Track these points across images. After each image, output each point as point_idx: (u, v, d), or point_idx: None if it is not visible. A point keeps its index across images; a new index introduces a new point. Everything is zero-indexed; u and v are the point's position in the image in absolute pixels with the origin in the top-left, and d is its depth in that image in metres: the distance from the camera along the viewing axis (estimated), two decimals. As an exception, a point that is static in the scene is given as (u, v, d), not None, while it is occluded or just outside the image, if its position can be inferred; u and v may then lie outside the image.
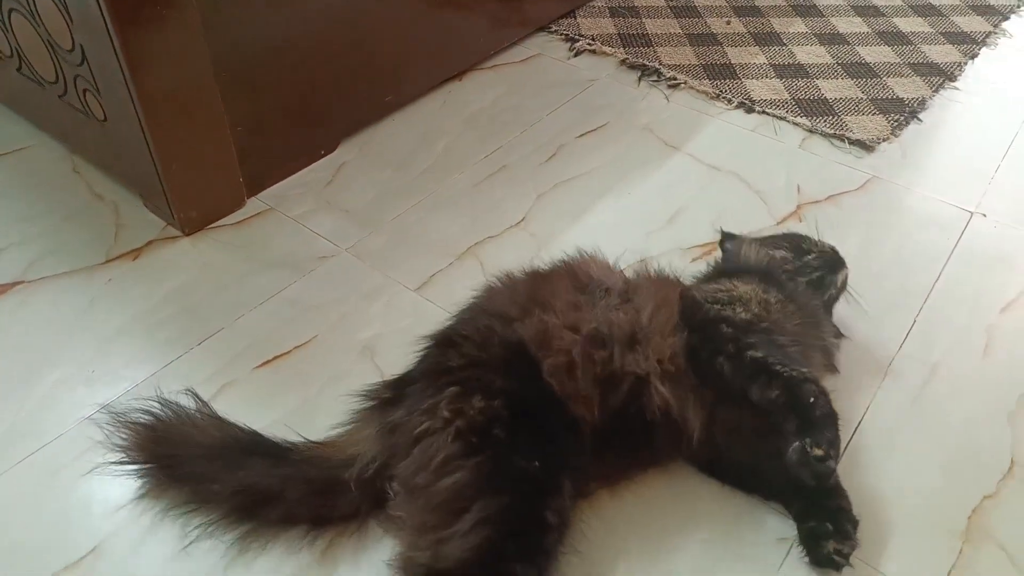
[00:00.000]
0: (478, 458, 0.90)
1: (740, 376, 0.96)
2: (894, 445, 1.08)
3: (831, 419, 0.93)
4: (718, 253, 1.30)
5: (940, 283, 1.34)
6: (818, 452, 0.89)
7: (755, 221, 1.46)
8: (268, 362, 1.20)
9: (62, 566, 0.95)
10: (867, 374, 1.18)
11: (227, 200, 1.46)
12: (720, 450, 1.01)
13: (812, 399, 0.93)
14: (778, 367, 0.95)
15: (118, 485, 1.02)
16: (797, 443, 0.90)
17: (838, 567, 0.92)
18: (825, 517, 0.94)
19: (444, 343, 1.05)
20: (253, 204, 1.49)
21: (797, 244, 1.22)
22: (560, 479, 0.92)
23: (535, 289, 1.07)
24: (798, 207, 1.50)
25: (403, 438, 0.95)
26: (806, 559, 0.94)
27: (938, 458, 1.07)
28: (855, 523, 0.94)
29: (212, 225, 1.44)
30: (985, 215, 1.48)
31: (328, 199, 1.51)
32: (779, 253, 1.20)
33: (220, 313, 1.27)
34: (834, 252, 1.21)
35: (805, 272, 1.17)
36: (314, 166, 1.58)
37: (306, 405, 1.13)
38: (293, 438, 1.02)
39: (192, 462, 0.99)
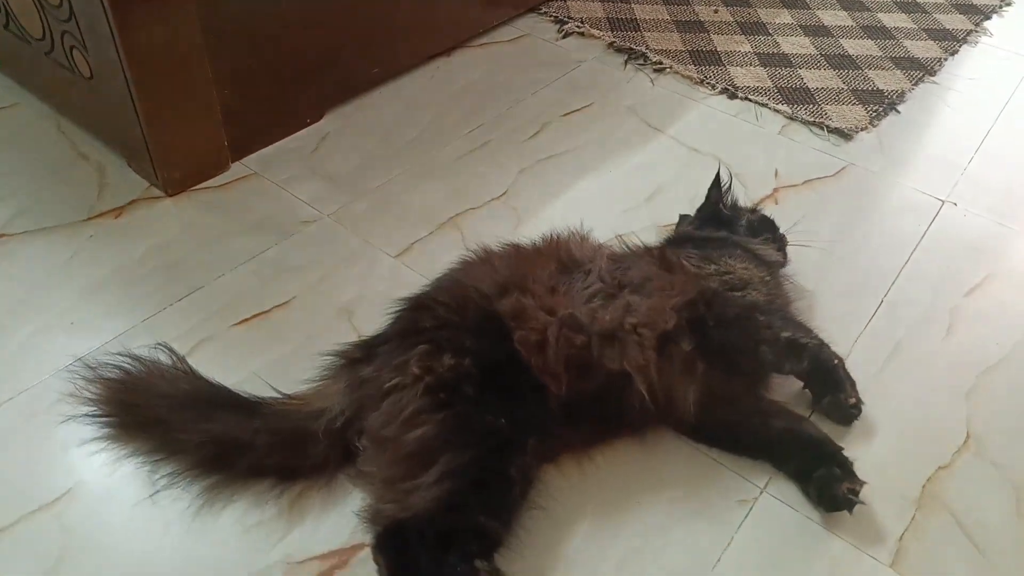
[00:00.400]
0: (446, 413, 0.92)
1: (779, 358, 1.05)
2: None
3: (845, 372, 1.08)
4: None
5: (908, 266, 1.37)
6: (851, 401, 1.05)
7: (732, 202, 1.49)
8: (246, 320, 1.21)
9: (36, 506, 0.96)
10: (834, 347, 1.20)
11: (211, 162, 1.47)
12: (707, 417, 1.04)
13: (835, 361, 1.06)
14: (803, 340, 1.05)
15: (91, 432, 1.03)
16: (830, 397, 1.06)
17: (852, 506, 0.96)
18: (831, 462, 0.99)
19: (418, 306, 1.07)
20: (237, 168, 1.50)
21: (735, 211, 1.33)
22: (525, 438, 0.94)
23: (515, 268, 1.08)
24: (775, 190, 1.53)
25: (372, 392, 0.98)
26: (821, 507, 0.98)
27: (896, 429, 1.10)
28: (852, 463, 1.00)
29: (195, 187, 1.45)
30: (956, 204, 1.52)
31: (312, 166, 1.52)
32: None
33: (200, 271, 1.28)
34: (761, 213, 1.36)
35: (757, 233, 1.27)
36: (299, 134, 1.60)
37: (281, 362, 1.15)
38: (267, 392, 1.03)
39: (160, 413, 1.00)
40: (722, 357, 1.03)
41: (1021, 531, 0.99)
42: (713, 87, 1.81)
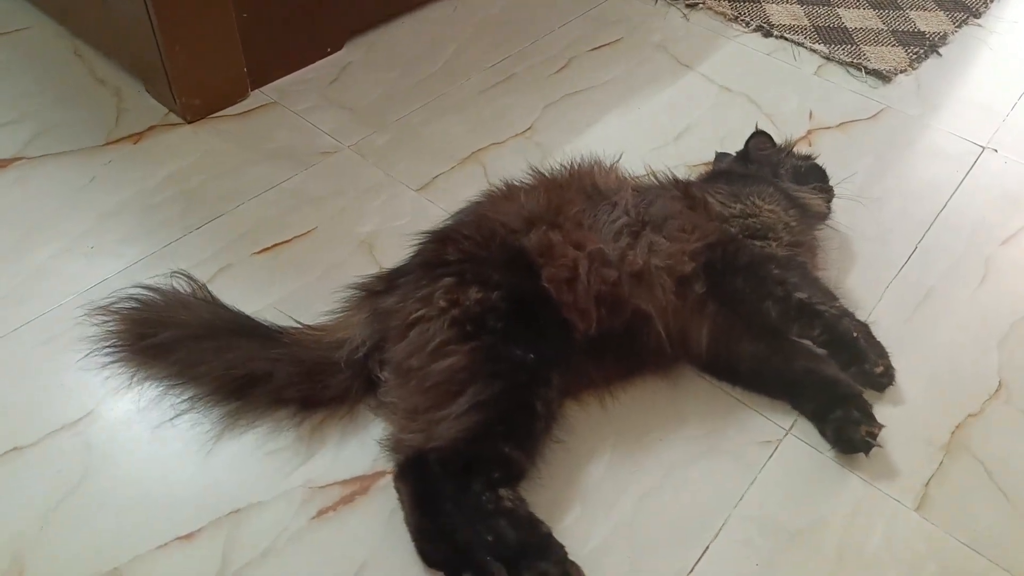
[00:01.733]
0: (473, 344, 0.91)
1: (786, 318, 0.99)
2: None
3: (873, 340, 1.00)
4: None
5: (944, 213, 1.33)
6: (879, 370, 0.97)
7: (764, 143, 1.45)
8: (267, 249, 1.20)
9: (59, 425, 0.97)
10: (866, 293, 1.18)
11: (230, 90, 1.44)
12: (723, 355, 1.03)
13: (855, 334, 0.97)
14: (820, 306, 0.98)
15: (111, 359, 1.03)
16: (855, 368, 0.97)
17: (869, 448, 0.95)
18: (851, 405, 0.97)
19: (442, 238, 1.05)
20: (256, 96, 1.47)
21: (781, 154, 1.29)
22: (550, 372, 0.93)
23: (541, 201, 1.05)
24: (808, 132, 1.48)
25: (397, 323, 0.96)
26: (837, 448, 0.97)
27: (927, 376, 1.08)
28: (871, 407, 0.98)
29: (214, 114, 1.42)
30: (996, 150, 1.46)
31: (332, 97, 1.49)
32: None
33: (220, 199, 1.26)
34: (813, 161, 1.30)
35: (804, 181, 1.22)
36: (319, 63, 1.55)
37: (302, 292, 1.14)
38: (287, 323, 1.02)
39: (180, 342, 0.98)
40: (730, 305, 1.01)
41: (1049, 480, 0.97)
42: (747, 24, 1.74)
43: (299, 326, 1.02)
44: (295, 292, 1.13)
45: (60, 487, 0.91)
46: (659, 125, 1.48)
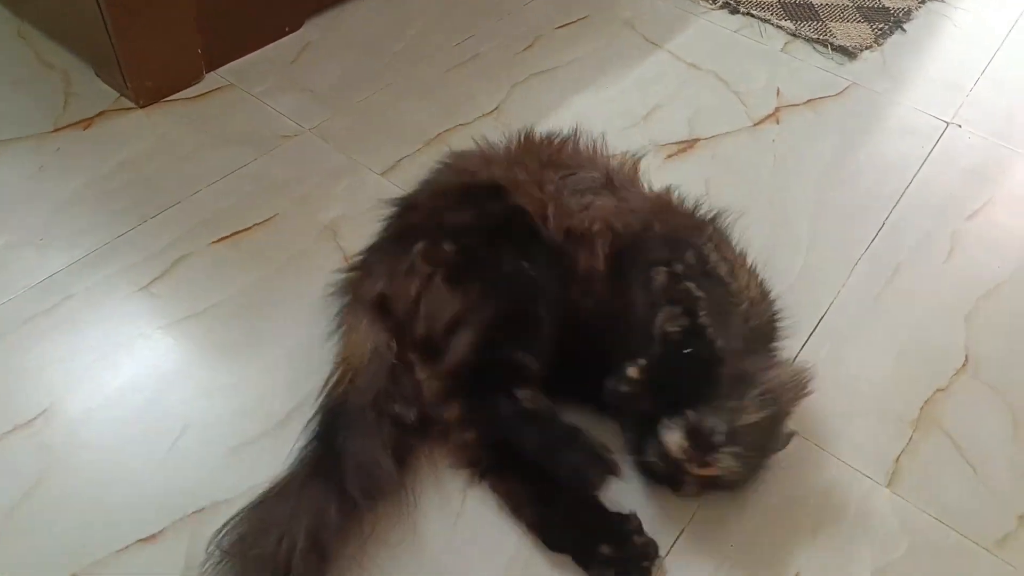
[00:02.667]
0: (469, 287, 0.90)
1: (662, 294, 0.88)
2: (854, 337, 1.09)
3: (679, 378, 0.83)
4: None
5: (911, 189, 1.34)
6: (632, 373, 0.82)
7: (732, 121, 1.44)
8: (226, 237, 1.16)
9: (12, 426, 0.93)
10: (834, 270, 1.18)
11: (184, 72, 1.38)
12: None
13: (692, 352, 0.83)
14: (703, 315, 0.85)
15: (67, 350, 0.99)
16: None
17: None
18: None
19: (406, 207, 1.03)
20: (212, 79, 1.42)
21: None
22: (544, 281, 0.91)
23: (508, 150, 1.05)
24: (776, 109, 1.48)
25: (402, 305, 0.93)
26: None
27: (895, 352, 1.08)
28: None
29: (168, 98, 1.37)
30: (960, 126, 1.47)
31: (292, 78, 1.44)
32: None
33: (176, 186, 1.22)
34: None
35: None
36: (277, 43, 1.50)
37: (264, 282, 1.10)
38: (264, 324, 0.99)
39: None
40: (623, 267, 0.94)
41: (1017, 453, 0.98)
42: (714, 1, 1.72)
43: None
44: (256, 282, 1.10)
45: (15, 491, 0.87)
46: (628, 104, 1.46)
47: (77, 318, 1.04)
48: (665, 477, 0.85)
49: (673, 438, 0.80)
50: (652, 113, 1.45)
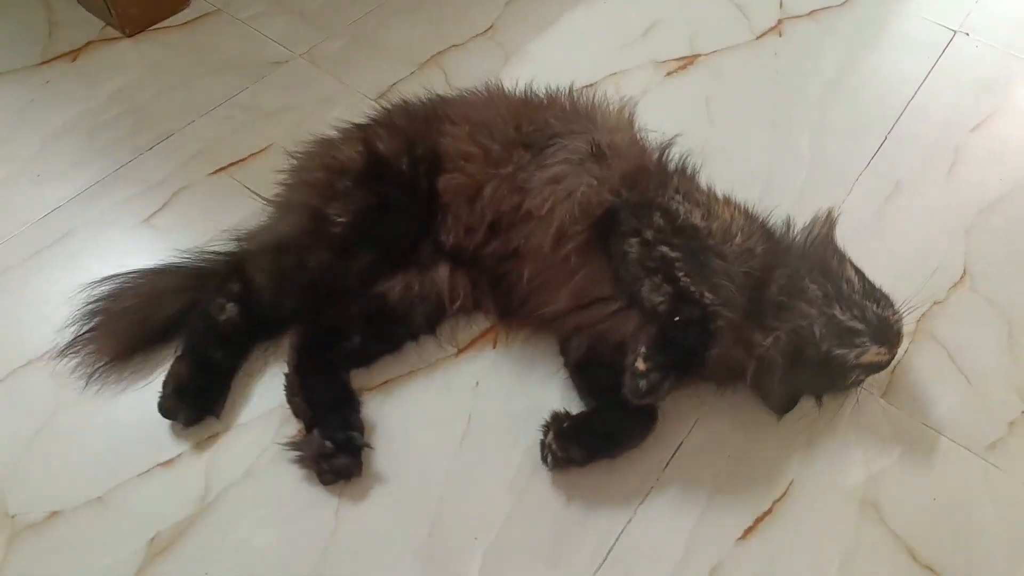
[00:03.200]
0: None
1: (639, 266, 0.85)
2: (855, 253, 1.08)
3: (683, 350, 0.81)
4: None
5: (915, 101, 1.32)
6: (640, 366, 0.79)
7: (733, 35, 1.40)
8: (223, 168, 1.15)
9: (24, 360, 0.95)
10: (836, 186, 1.18)
11: (170, -1, 1.35)
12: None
13: (682, 318, 0.81)
14: (682, 276, 0.83)
15: (69, 278, 1.00)
16: (630, 371, 0.80)
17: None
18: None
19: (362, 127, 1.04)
20: (199, 4, 1.38)
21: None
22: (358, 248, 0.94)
23: (502, 111, 0.99)
24: (779, 22, 1.44)
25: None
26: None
27: (896, 266, 1.09)
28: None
29: (155, 26, 1.34)
30: (968, 34, 1.43)
31: (280, 1, 1.40)
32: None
33: (169, 116, 1.20)
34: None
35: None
36: (264, -34, 1.46)
37: (264, 212, 1.10)
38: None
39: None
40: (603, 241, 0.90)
41: (1010, 364, 1.00)
42: (715, -93, 1.65)
43: None
44: (257, 213, 1.09)
45: (33, 421, 0.90)
46: (626, 20, 1.42)
47: (81, 252, 1.05)
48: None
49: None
50: (651, 29, 1.41)
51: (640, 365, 0.79)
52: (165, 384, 0.90)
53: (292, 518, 0.84)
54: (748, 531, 0.85)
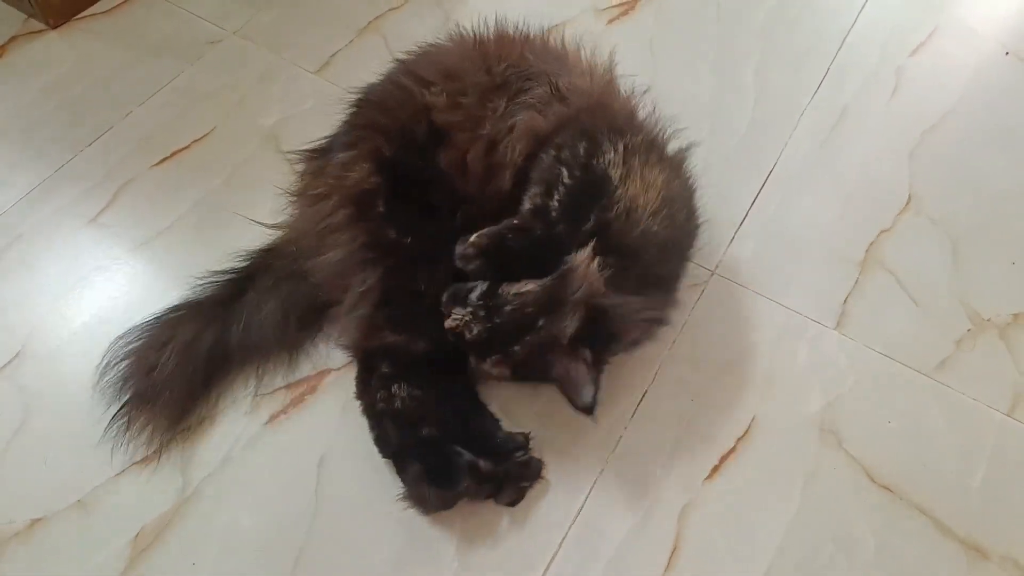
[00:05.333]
0: (356, 229, 0.89)
1: (538, 171, 0.87)
2: (802, 187, 1.12)
3: (504, 248, 0.82)
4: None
5: (856, 28, 1.32)
6: (474, 239, 0.82)
7: (672, -26, 1.39)
8: (166, 158, 1.13)
9: (-15, 373, 0.94)
10: (782, 119, 1.19)
11: (91, -17, 1.30)
12: None
13: (521, 223, 0.84)
14: (554, 200, 0.84)
15: (26, 291, 1.00)
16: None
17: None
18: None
19: (359, 101, 1.00)
20: (123, -13, 1.33)
21: None
22: (437, 250, 0.87)
23: (473, 57, 0.97)
24: (718, -46, 1.42)
25: (303, 201, 0.96)
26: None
27: (842, 196, 1.11)
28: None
29: (80, 15, 1.29)
30: (906, -47, 1.43)
31: (207, -24, 1.36)
32: None
33: (106, 109, 1.18)
34: None
35: None
36: (186, -61, 1.40)
37: (212, 198, 1.09)
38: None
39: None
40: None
41: (955, 279, 1.04)
42: None
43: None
44: (205, 198, 1.09)
45: (4, 431, 0.90)
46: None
47: (30, 258, 1.03)
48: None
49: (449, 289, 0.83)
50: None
51: (474, 239, 0.82)
52: (409, 496, 0.84)
53: (273, 500, 0.86)
54: (714, 470, 0.89)
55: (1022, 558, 0.84)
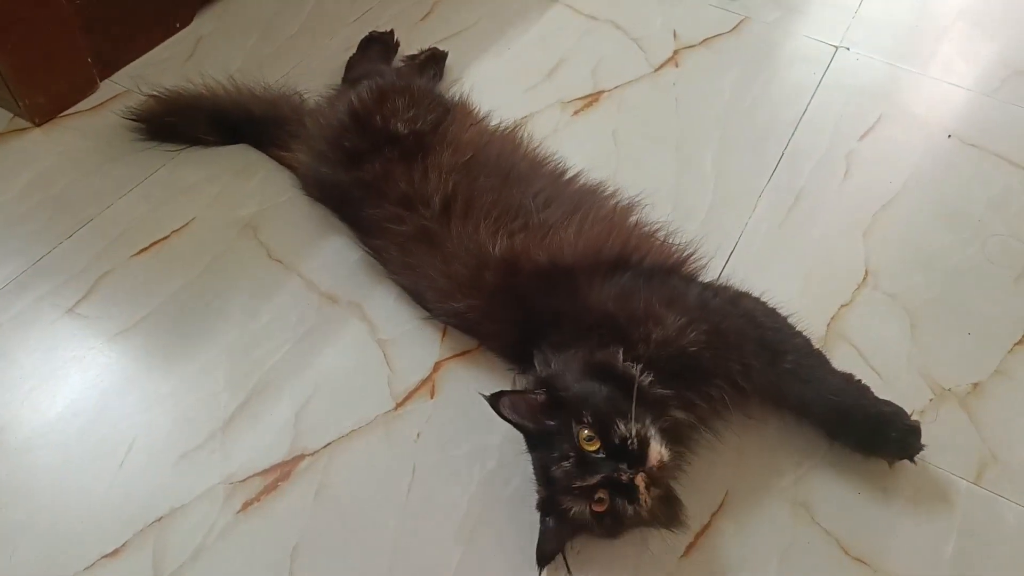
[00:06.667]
0: None
1: None
2: (763, 266, 1.16)
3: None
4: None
5: (807, 115, 1.40)
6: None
7: (633, 69, 1.47)
8: (145, 249, 1.16)
9: (-47, 467, 0.93)
10: (740, 203, 1.25)
11: (77, 83, 1.35)
12: None
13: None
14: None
15: (3, 371, 0.99)
16: None
17: None
18: None
19: None
20: (108, 87, 1.39)
21: None
22: None
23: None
24: (675, 52, 1.51)
25: None
26: None
27: (801, 275, 1.16)
28: None
29: (65, 113, 1.34)
30: (849, 48, 1.54)
31: (191, 75, 1.41)
32: None
33: (87, 203, 1.21)
34: None
35: None
36: (170, 41, 1.47)
37: (191, 287, 1.11)
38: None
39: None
40: None
41: (917, 355, 1.07)
42: (605, -53, 1.73)
43: None
44: (183, 289, 1.11)
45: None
46: (531, 62, 1.48)
47: (6, 349, 1.04)
48: None
49: None
50: (555, 70, 1.47)
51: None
52: None
53: (245, 593, 0.85)
54: (690, 547, 0.89)
55: (997, 629, 0.84)
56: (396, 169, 1.07)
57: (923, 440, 0.92)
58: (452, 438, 0.97)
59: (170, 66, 1.43)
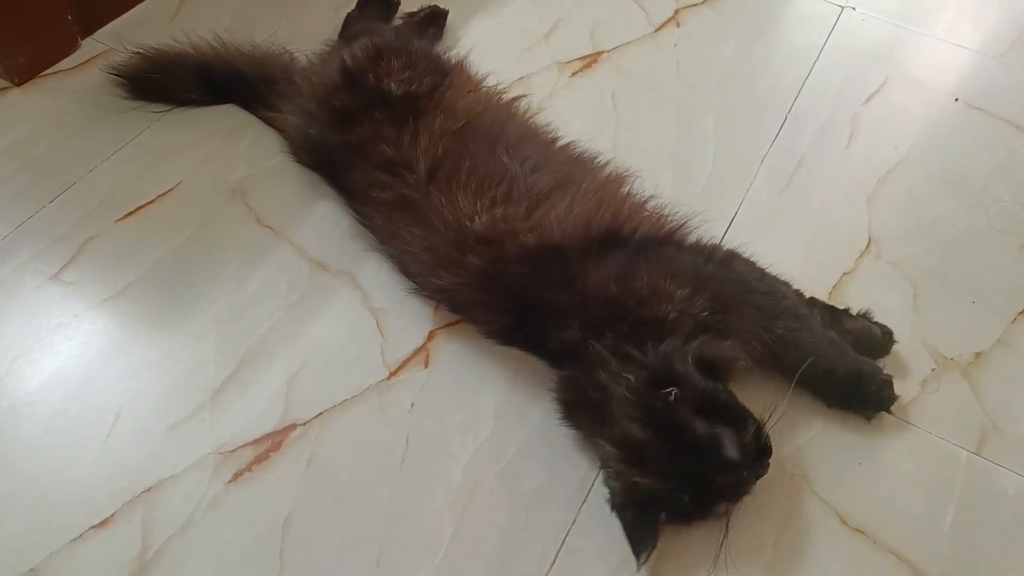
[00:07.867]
0: None
1: None
2: (765, 233, 1.13)
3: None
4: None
5: (811, 79, 1.36)
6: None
7: (633, 30, 1.43)
8: (131, 213, 1.13)
9: (-64, 437, 0.91)
10: (742, 169, 1.22)
11: (57, 42, 1.30)
12: None
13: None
14: None
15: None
16: None
17: None
18: None
19: None
20: (89, 45, 1.34)
21: None
22: None
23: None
24: (676, 12, 1.47)
25: None
26: None
27: (804, 243, 1.13)
28: None
29: (45, 72, 1.29)
30: (855, 8, 1.49)
31: (176, 34, 1.35)
32: None
33: (70, 165, 1.17)
34: None
35: None
36: (154, -2, 1.43)
37: (178, 254, 1.08)
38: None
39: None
40: None
41: (919, 324, 1.05)
42: (604, -98, 1.67)
43: None
44: (169, 255, 1.08)
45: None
46: (527, 24, 1.44)
47: (-11, 317, 1.01)
48: None
49: None
50: (553, 30, 1.43)
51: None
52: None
53: (236, 564, 0.84)
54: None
55: (995, 599, 0.84)
56: (384, 131, 1.04)
57: (925, 411, 0.91)
58: (446, 408, 0.95)
59: (154, 24, 1.38)
